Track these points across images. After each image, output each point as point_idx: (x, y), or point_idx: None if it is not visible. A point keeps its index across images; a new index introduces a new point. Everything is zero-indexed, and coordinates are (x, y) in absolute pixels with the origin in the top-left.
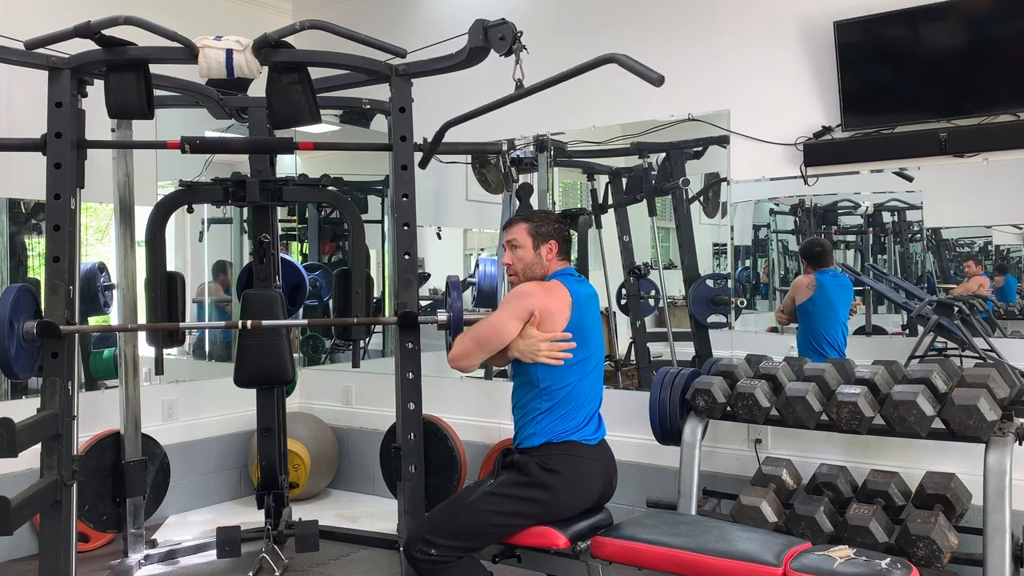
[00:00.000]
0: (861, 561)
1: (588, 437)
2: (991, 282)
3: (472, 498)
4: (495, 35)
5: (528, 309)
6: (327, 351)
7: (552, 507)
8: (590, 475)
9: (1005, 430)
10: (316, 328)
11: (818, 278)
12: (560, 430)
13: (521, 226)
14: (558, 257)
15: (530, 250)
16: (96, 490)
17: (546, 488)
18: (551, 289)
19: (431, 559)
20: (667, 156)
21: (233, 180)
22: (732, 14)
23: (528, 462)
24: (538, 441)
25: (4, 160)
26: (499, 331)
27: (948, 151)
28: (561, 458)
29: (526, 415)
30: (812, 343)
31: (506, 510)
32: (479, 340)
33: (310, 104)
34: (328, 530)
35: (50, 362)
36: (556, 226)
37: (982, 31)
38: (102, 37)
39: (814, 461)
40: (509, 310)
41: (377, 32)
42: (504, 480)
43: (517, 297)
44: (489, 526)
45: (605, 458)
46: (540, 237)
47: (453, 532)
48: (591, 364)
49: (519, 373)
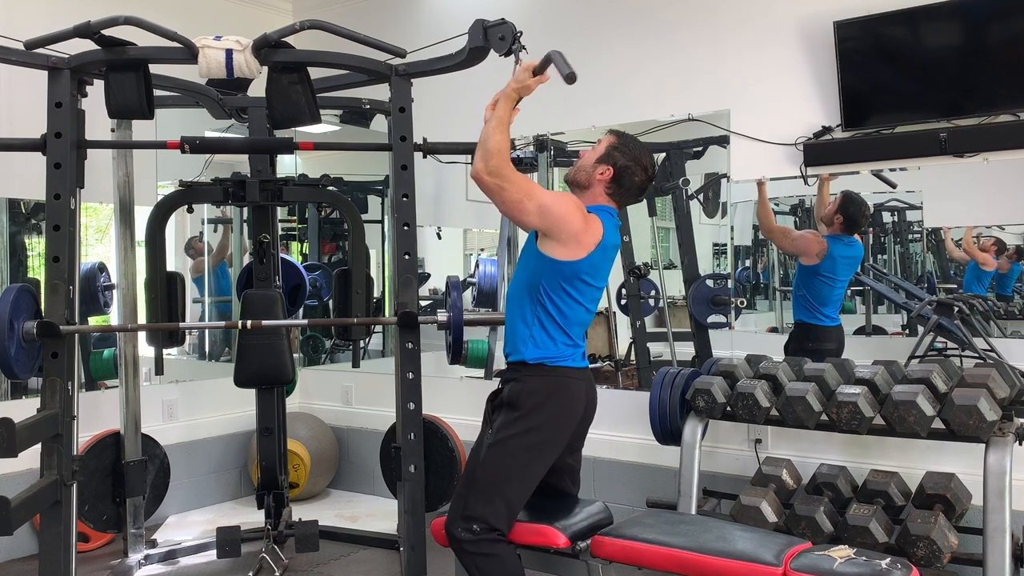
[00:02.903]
0: (861, 561)
1: (578, 361)
2: (997, 261)
3: (482, 458)
4: (495, 35)
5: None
6: (327, 351)
7: (551, 430)
8: (575, 395)
9: (1005, 430)
10: (316, 328)
11: (831, 248)
12: (556, 353)
13: (609, 137)
14: (608, 193)
15: (592, 158)
16: (96, 490)
17: (538, 411)
18: (591, 222)
19: (475, 538)
20: (667, 156)
21: (233, 180)
22: (732, 14)
23: (515, 394)
24: (532, 356)
25: (4, 160)
26: (522, 210)
27: (948, 151)
28: (547, 379)
29: (525, 328)
30: (805, 301)
31: (517, 449)
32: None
33: (310, 104)
34: (328, 530)
35: (50, 362)
36: (627, 164)
37: (982, 31)
38: (102, 37)
39: (814, 461)
40: (556, 196)
41: (377, 32)
42: (500, 423)
43: (566, 197)
44: (514, 475)
45: (588, 379)
46: (606, 156)
47: (486, 499)
48: (594, 295)
49: (533, 280)
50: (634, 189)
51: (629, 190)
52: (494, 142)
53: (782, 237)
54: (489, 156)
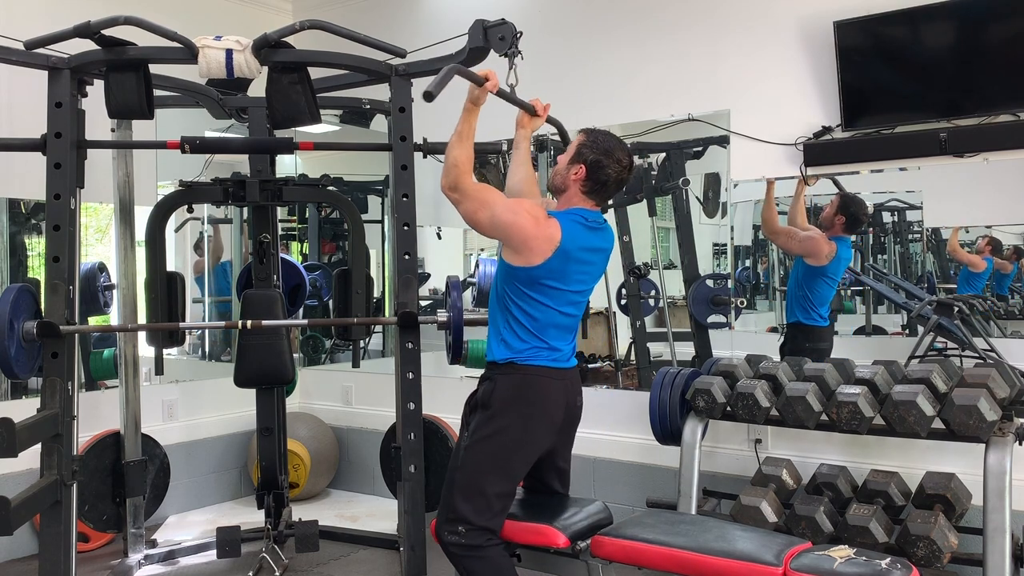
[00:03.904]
0: (861, 561)
1: (553, 361)
2: (991, 264)
3: (461, 462)
4: (495, 35)
5: (517, 216)
6: (327, 351)
7: (523, 428)
8: (549, 393)
9: (1005, 430)
10: (316, 328)
11: (840, 250)
12: (525, 352)
13: (579, 136)
14: (584, 191)
15: (565, 160)
16: (96, 490)
17: (509, 409)
18: (545, 227)
19: (462, 542)
20: (667, 156)
21: (233, 180)
22: (732, 14)
23: (486, 394)
24: (501, 356)
25: (4, 160)
26: (476, 223)
27: (948, 151)
28: (516, 377)
29: (498, 329)
30: (806, 302)
31: (491, 451)
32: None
33: (310, 104)
34: (328, 530)
35: (50, 362)
36: (597, 157)
37: (982, 31)
38: (102, 37)
39: (814, 461)
40: (507, 205)
41: (377, 32)
42: (475, 425)
43: (518, 206)
44: (492, 477)
45: (569, 379)
46: (577, 154)
47: (464, 497)
48: (572, 300)
49: (501, 285)
50: (611, 183)
51: (606, 184)
52: (452, 156)
53: (787, 238)
54: (447, 171)
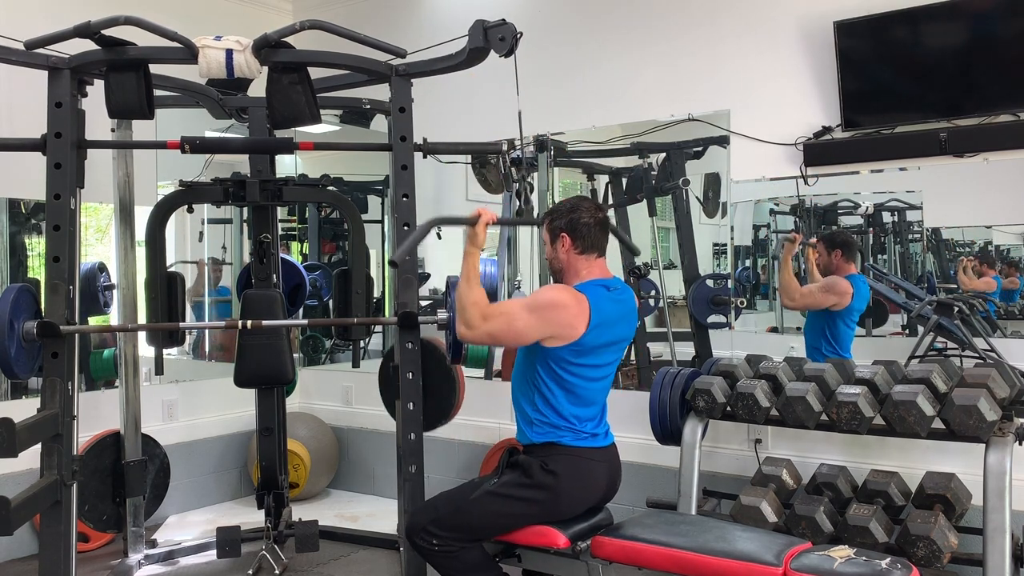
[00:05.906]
0: (861, 561)
1: (592, 440)
2: (999, 284)
3: (475, 495)
4: (495, 36)
5: (557, 323)
6: (327, 351)
7: (552, 508)
8: (593, 476)
9: (1005, 430)
10: (316, 328)
11: (855, 285)
12: (564, 433)
13: (544, 221)
14: (580, 252)
15: (549, 248)
16: (96, 490)
17: (547, 489)
18: (580, 301)
19: (433, 549)
20: (667, 156)
21: (233, 180)
22: (732, 15)
23: (532, 463)
24: (539, 439)
25: (4, 160)
26: (517, 333)
27: (948, 151)
28: (564, 459)
29: (530, 411)
30: (827, 346)
31: (507, 510)
32: (493, 332)
33: (310, 104)
34: (328, 530)
35: (50, 362)
36: (568, 218)
37: (982, 31)
38: (102, 37)
39: (814, 461)
40: (538, 316)
41: (377, 32)
42: (507, 480)
43: (550, 306)
44: (490, 524)
45: (610, 460)
46: (552, 232)
47: (454, 526)
48: (603, 372)
49: (528, 365)
50: (594, 228)
51: (591, 233)
52: (468, 299)
53: (811, 297)
54: (467, 313)
